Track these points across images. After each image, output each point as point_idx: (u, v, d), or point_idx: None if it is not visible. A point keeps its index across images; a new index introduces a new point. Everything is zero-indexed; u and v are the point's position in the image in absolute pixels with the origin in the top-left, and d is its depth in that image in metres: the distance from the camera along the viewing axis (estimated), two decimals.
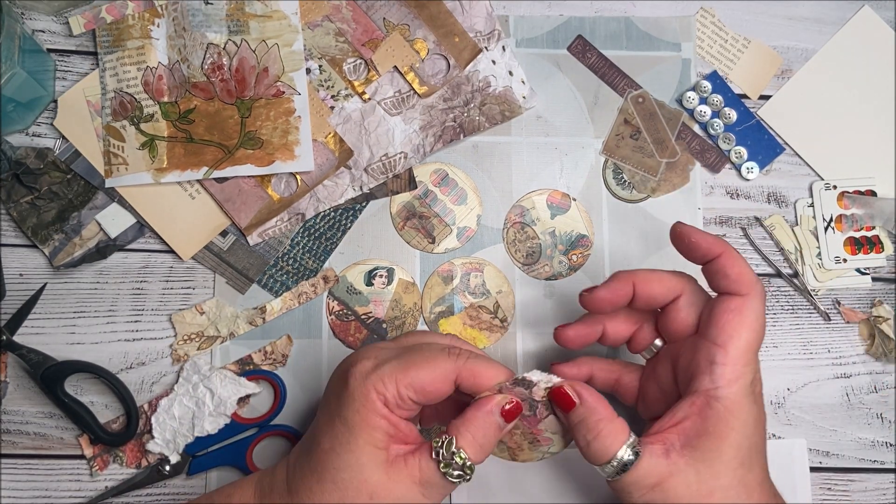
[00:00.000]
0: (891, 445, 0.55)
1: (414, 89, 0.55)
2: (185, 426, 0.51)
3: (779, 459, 0.54)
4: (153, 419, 0.51)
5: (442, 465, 0.38)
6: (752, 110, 0.57)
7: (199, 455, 0.51)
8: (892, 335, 0.55)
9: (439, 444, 0.39)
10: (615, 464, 0.39)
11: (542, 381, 0.41)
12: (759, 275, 0.56)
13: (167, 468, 0.51)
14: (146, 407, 0.52)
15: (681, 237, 0.43)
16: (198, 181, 0.54)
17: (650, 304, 0.44)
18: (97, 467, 0.51)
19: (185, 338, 0.53)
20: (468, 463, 0.38)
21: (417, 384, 0.38)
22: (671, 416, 0.41)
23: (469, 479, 0.39)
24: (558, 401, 0.41)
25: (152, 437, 0.51)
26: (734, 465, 0.38)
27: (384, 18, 0.55)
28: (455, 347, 0.41)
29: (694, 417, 0.40)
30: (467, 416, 0.39)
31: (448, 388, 0.39)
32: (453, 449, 0.38)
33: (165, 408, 0.51)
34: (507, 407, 0.40)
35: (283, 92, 0.54)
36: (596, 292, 0.44)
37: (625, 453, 0.39)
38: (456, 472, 0.38)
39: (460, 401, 0.42)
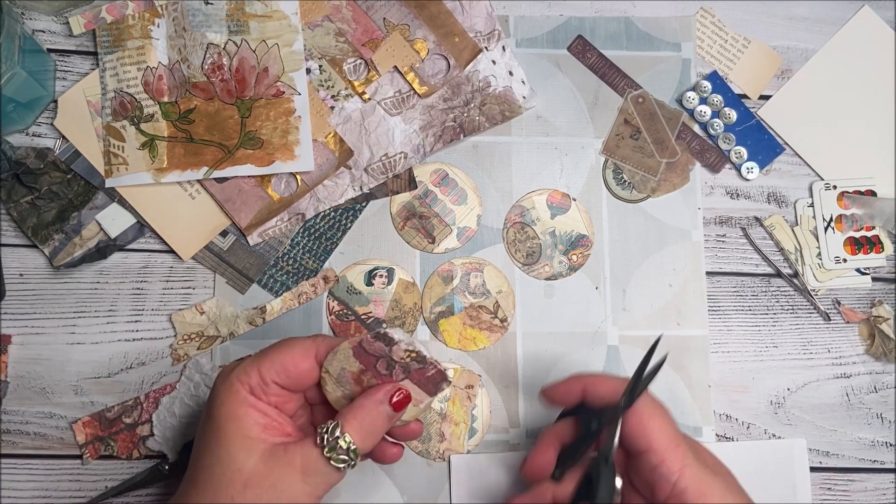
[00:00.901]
0: (891, 445, 0.55)
1: (414, 89, 0.55)
2: (186, 425, 0.51)
3: (779, 459, 0.54)
4: (154, 417, 0.51)
5: (326, 449, 0.38)
6: (752, 110, 0.57)
7: None
8: (892, 335, 0.55)
9: (324, 429, 0.38)
10: None
11: (405, 341, 0.40)
12: (760, 275, 0.56)
13: (167, 468, 0.51)
14: (143, 399, 0.52)
15: (549, 400, 0.44)
16: (198, 181, 0.54)
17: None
18: (88, 455, 0.51)
19: (186, 338, 0.53)
20: (353, 447, 0.38)
21: (278, 364, 0.39)
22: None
23: (354, 466, 0.39)
24: None
25: (152, 435, 0.51)
26: None
27: (384, 18, 0.55)
28: (316, 334, 0.42)
29: None
30: (356, 404, 0.40)
31: (309, 365, 0.40)
32: (337, 433, 0.38)
33: (167, 406, 0.51)
34: (397, 398, 0.40)
35: (283, 92, 0.54)
36: (547, 389, 0.44)
37: None
38: (341, 457, 0.38)
39: None
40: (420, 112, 0.55)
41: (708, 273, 0.56)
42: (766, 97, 0.58)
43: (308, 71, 0.54)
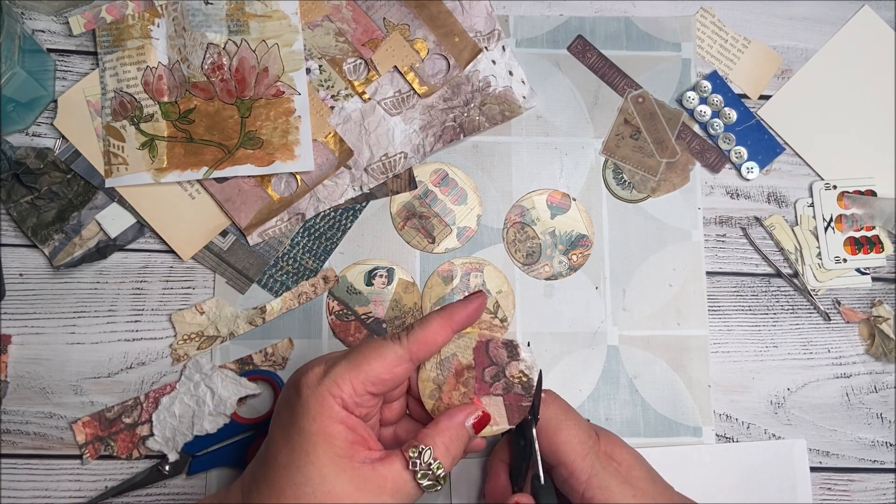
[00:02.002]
0: (891, 445, 0.55)
1: (414, 89, 0.55)
2: (185, 425, 0.51)
3: (779, 459, 0.54)
4: (154, 417, 0.51)
5: (419, 475, 0.38)
6: (752, 110, 0.57)
7: (198, 455, 0.51)
8: (892, 335, 0.55)
9: (415, 454, 0.38)
10: None
11: (526, 362, 0.41)
12: (760, 275, 0.56)
13: (167, 468, 0.51)
14: (142, 399, 0.52)
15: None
16: (198, 181, 0.54)
17: None
18: (88, 454, 0.51)
19: (185, 337, 0.53)
20: (442, 473, 0.38)
21: (373, 375, 0.38)
22: None
23: (440, 490, 0.39)
24: None
25: (152, 435, 0.51)
26: None
27: (384, 18, 0.55)
28: (395, 333, 0.41)
29: None
30: (441, 427, 0.40)
31: (405, 371, 0.39)
32: (429, 458, 0.38)
33: (166, 406, 0.51)
34: (475, 419, 0.41)
35: (283, 92, 0.54)
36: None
37: None
38: (430, 482, 0.38)
39: (419, 421, 0.43)
40: (420, 112, 0.55)
41: (708, 273, 0.56)
42: (766, 97, 0.58)
43: (308, 71, 0.54)
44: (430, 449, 0.38)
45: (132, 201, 0.53)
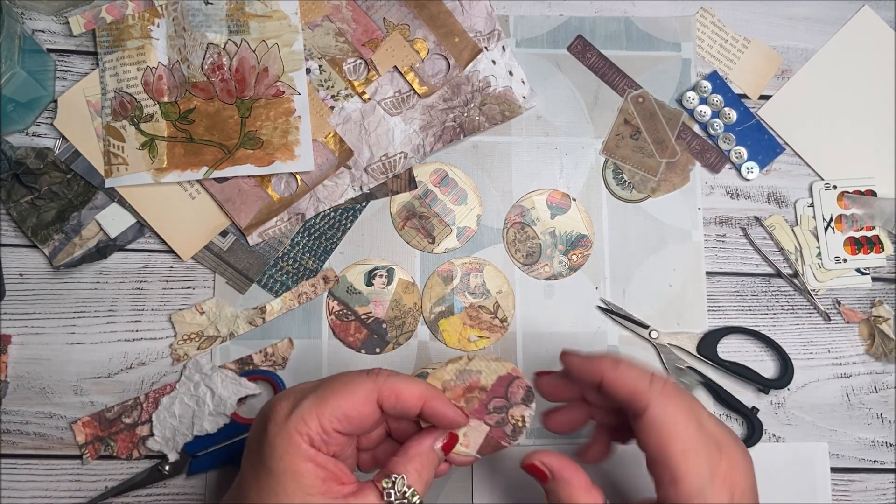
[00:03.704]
0: (891, 445, 0.55)
1: (414, 89, 0.55)
2: (185, 425, 0.51)
3: (800, 462, 0.54)
4: (154, 417, 0.51)
5: None
6: (752, 110, 0.57)
7: (198, 455, 0.51)
8: (892, 335, 0.55)
9: (389, 484, 0.37)
10: None
11: (530, 411, 0.41)
12: (760, 275, 0.56)
13: (167, 468, 0.51)
14: (142, 399, 0.52)
15: (567, 367, 0.42)
16: (198, 181, 0.54)
17: (611, 403, 0.41)
18: (88, 455, 0.51)
19: (185, 338, 0.53)
20: (418, 501, 0.37)
21: (340, 413, 0.36)
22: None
23: None
24: (532, 473, 0.40)
25: (152, 435, 0.51)
26: None
27: (384, 18, 0.55)
28: (374, 368, 0.39)
29: None
30: (411, 453, 0.39)
31: (372, 411, 0.38)
32: (404, 488, 0.37)
33: (166, 406, 0.51)
34: (443, 442, 0.40)
35: (283, 92, 0.54)
36: (570, 358, 0.42)
37: None
38: None
39: (397, 440, 0.41)
40: (420, 112, 0.55)
41: (708, 273, 0.56)
42: (766, 97, 0.58)
43: (308, 71, 0.54)
44: (402, 477, 0.37)
45: (132, 201, 0.53)
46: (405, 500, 0.37)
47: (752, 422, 0.53)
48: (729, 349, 0.55)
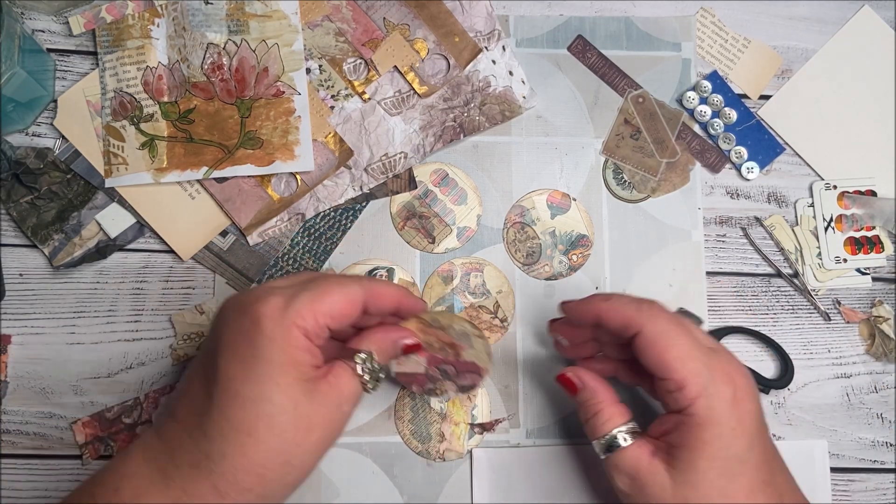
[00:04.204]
0: (891, 445, 0.55)
1: (414, 89, 0.55)
2: None
3: (799, 460, 0.54)
4: (154, 417, 0.51)
5: (368, 378, 0.41)
6: (752, 110, 0.57)
7: None
8: (892, 335, 0.55)
9: (361, 360, 0.41)
10: (602, 442, 0.43)
11: (451, 384, 0.46)
12: (760, 275, 0.56)
13: None
14: (142, 399, 0.52)
15: (566, 313, 0.47)
16: (198, 181, 0.54)
17: (613, 336, 0.44)
18: (88, 455, 0.51)
19: (186, 338, 0.53)
20: (383, 375, 0.41)
21: (335, 310, 0.39)
22: (659, 424, 0.42)
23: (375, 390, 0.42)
24: (564, 384, 0.45)
25: None
26: (712, 476, 0.39)
27: (384, 18, 0.55)
28: (358, 276, 0.43)
29: (673, 430, 0.41)
30: (378, 336, 0.43)
31: (356, 311, 0.41)
32: (375, 365, 0.41)
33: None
34: (406, 344, 0.44)
35: (283, 92, 0.54)
36: (567, 305, 0.47)
37: (615, 435, 0.42)
38: (374, 384, 0.41)
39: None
40: (420, 112, 0.55)
41: (708, 273, 0.56)
42: (766, 97, 0.58)
43: (308, 71, 0.54)
44: (372, 353, 0.41)
45: (132, 201, 0.53)
46: (375, 374, 0.41)
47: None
48: (729, 349, 0.55)
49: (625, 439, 0.42)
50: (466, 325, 0.47)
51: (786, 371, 0.54)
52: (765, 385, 0.54)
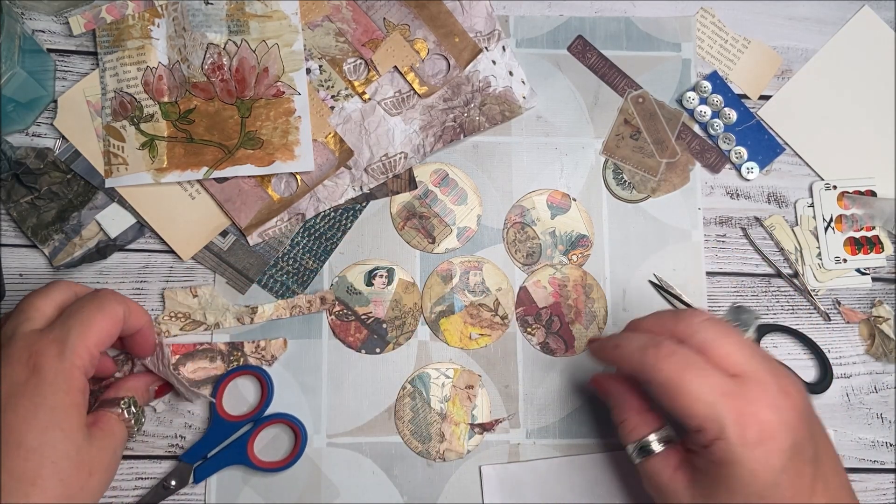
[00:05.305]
0: (891, 445, 0.55)
1: (414, 89, 0.55)
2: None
3: None
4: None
5: (134, 422, 0.44)
6: (752, 110, 0.57)
7: (200, 464, 0.50)
8: (892, 335, 0.55)
9: (126, 405, 0.43)
10: (631, 449, 0.44)
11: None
12: (760, 275, 0.56)
13: (172, 483, 0.50)
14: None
15: (592, 356, 0.47)
16: (198, 181, 0.54)
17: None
18: None
19: (171, 314, 0.52)
20: (144, 420, 0.45)
21: (103, 337, 0.40)
22: (687, 441, 0.42)
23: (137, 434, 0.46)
24: (597, 389, 0.48)
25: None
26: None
27: (384, 18, 0.55)
28: (106, 290, 0.43)
29: (698, 453, 0.40)
30: (132, 383, 0.46)
31: (119, 329, 0.42)
32: (136, 410, 0.44)
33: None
34: (157, 386, 0.49)
35: (283, 92, 0.54)
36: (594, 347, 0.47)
37: (645, 443, 0.43)
38: (138, 427, 0.44)
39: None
40: (420, 112, 0.55)
41: (708, 273, 0.56)
42: (766, 97, 0.58)
43: (308, 71, 0.54)
44: (133, 397, 0.44)
45: (132, 201, 0.53)
46: (138, 417, 0.44)
47: None
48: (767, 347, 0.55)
49: (656, 447, 0.43)
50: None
51: (825, 375, 0.54)
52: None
